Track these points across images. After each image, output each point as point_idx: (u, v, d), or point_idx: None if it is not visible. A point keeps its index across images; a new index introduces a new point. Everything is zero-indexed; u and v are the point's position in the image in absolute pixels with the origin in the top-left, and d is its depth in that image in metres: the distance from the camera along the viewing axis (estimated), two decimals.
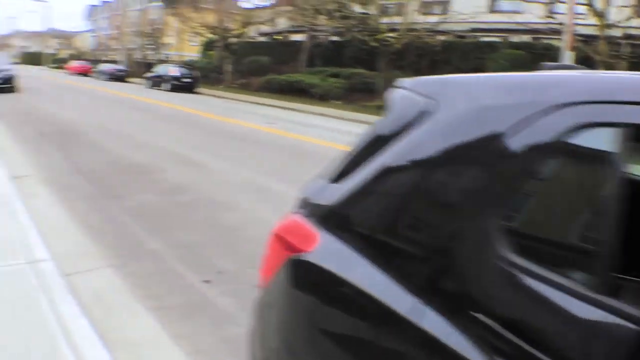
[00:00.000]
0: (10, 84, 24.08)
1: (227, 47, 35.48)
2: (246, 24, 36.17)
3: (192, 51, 45.84)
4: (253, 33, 38.10)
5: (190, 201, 6.96)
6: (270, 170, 9.09)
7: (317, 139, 13.41)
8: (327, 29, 30.06)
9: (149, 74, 35.10)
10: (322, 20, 29.49)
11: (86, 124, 14.06)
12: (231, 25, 36.14)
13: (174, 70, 31.99)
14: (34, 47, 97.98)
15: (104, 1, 77.18)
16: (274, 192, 7.61)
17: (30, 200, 6.31)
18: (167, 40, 49.07)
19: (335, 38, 31.58)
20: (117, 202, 6.80)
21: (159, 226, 5.90)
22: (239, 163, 9.80)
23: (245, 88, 31.54)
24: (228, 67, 34.73)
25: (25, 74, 26.54)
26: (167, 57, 47.32)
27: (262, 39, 39.20)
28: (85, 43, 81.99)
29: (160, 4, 52.24)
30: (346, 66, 28.64)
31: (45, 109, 17.83)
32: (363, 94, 25.21)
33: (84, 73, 49.82)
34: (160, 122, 15.47)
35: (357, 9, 27.49)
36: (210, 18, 37.72)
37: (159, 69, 34.11)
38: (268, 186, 7.93)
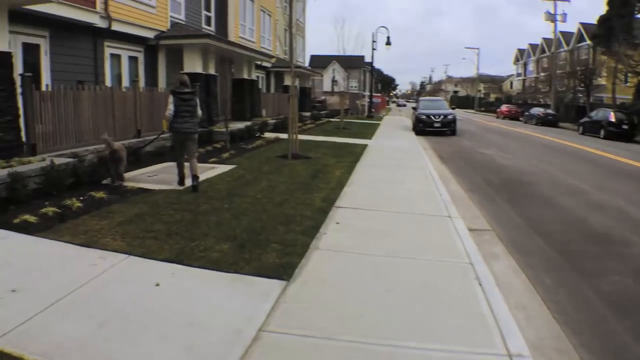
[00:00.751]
0: (451, 127, 25.49)
1: None
2: None
3: (627, 93, 41.02)
4: None
5: None
6: None
7: None
8: None
9: (583, 119, 32.62)
10: None
11: (529, 173, 13.24)
12: None
13: (611, 115, 28.66)
14: (462, 91, 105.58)
15: (531, 44, 77.02)
16: None
17: (491, 262, 5.73)
18: (598, 81, 45.32)
19: None
20: (587, 280, 5.53)
21: None
22: None
23: None
24: None
25: (457, 117, 27.73)
26: (599, 100, 43.61)
27: None
28: (513, 86, 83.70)
29: (590, 43, 48.84)
30: None
31: (484, 153, 17.90)
32: None
33: (512, 116, 50.34)
34: (608, 176, 13.39)
35: None
36: None
37: (595, 114, 31.19)
38: None
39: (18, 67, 10.32)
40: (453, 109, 29.32)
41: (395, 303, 4.29)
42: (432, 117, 25.50)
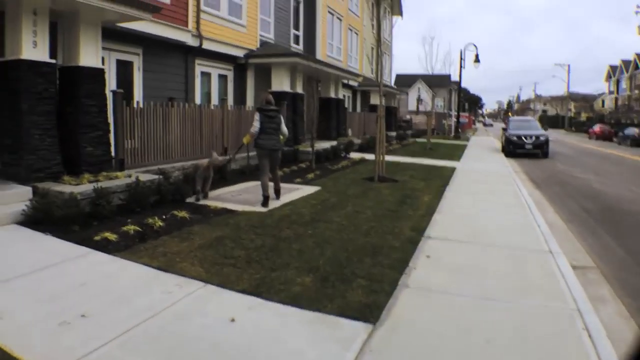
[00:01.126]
0: (543, 149, 24.15)
1: None
2: None
3: None
4: None
5: None
6: None
7: None
8: None
9: None
10: None
11: (630, 201, 12.04)
12: None
13: None
14: (552, 110, 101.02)
15: (624, 60, 71.97)
16: None
17: (598, 306, 4.98)
18: None
19: None
20: None
21: None
22: None
23: None
24: None
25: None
26: None
27: None
28: (605, 105, 79.24)
29: None
30: None
31: (578, 177, 16.65)
32: None
33: (606, 137, 47.30)
34: None
35: None
36: None
37: None
38: None
39: (112, 83, 10.59)
40: (545, 129, 27.55)
41: (496, 357, 3.73)
42: (523, 138, 24.29)
